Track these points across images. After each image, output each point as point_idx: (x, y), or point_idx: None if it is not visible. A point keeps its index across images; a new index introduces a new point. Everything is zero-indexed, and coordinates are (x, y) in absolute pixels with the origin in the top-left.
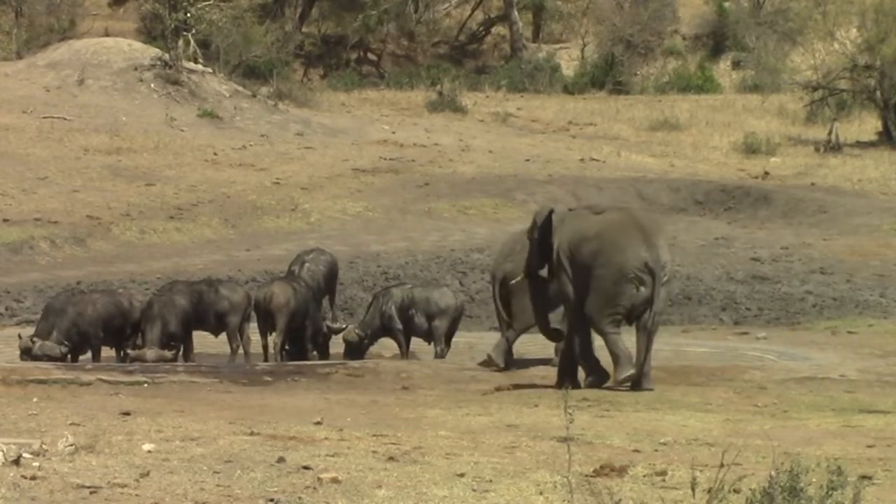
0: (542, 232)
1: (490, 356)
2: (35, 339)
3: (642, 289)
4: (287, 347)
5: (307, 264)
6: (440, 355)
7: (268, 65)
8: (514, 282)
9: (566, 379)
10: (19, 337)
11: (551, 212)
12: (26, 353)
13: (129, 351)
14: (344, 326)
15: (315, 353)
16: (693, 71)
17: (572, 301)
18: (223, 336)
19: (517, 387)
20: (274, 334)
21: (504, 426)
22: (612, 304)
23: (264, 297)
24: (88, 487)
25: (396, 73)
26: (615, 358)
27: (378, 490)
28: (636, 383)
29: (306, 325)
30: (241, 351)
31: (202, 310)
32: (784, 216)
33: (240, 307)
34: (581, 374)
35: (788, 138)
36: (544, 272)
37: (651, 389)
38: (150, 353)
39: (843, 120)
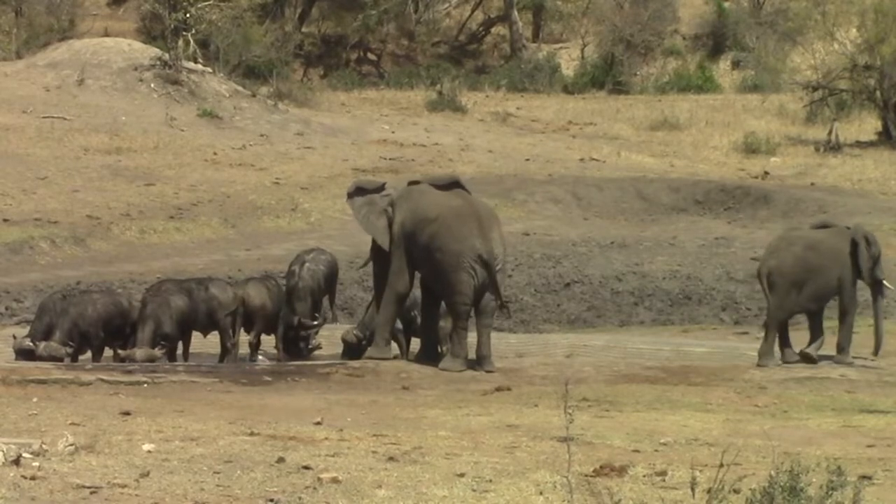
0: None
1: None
2: (33, 340)
3: (476, 279)
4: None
5: (307, 264)
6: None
7: (268, 65)
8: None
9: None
10: (13, 338)
11: (382, 185)
12: (23, 354)
13: (119, 351)
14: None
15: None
16: (693, 71)
17: (405, 278)
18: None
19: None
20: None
21: (504, 426)
22: (456, 293)
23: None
24: (88, 487)
25: (396, 73)
26: (452, 349)
27: (378, 490)
28: (476, 366)
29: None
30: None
31: (192, 308)
32: (784, 216)
33: (230, 306)
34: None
35: (788, 138)
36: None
37: (492, 370)
38: (140, 352)
39: (843, 120)
